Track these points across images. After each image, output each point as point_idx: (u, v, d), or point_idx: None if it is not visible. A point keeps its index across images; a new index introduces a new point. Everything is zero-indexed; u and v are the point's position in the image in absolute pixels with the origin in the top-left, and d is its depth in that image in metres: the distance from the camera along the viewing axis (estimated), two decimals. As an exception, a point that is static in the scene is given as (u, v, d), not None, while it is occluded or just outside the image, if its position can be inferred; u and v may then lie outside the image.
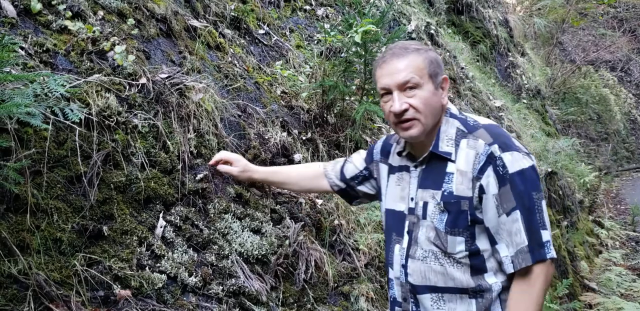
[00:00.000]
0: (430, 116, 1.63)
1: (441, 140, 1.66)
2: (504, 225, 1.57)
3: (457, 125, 1.67)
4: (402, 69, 1.61)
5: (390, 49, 1.68)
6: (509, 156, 1.56)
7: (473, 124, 1.66)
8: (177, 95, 2.22)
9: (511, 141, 1.61)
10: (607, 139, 14.53)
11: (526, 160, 1.58)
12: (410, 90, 1.61)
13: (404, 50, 1.64)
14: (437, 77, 1.65)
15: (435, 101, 1.64)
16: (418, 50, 1.65)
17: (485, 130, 1.63)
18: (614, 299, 5.06)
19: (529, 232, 1.55)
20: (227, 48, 3.00)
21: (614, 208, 10.72)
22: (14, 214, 1.60)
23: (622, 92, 16.60)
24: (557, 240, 5.67)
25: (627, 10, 16.89)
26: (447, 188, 1.62)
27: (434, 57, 1.66)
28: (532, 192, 1.56)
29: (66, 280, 1.64)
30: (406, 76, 1.60)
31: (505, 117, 6.56)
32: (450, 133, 1.66)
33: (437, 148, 1.65)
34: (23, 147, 1.67)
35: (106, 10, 2.32)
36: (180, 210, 2.06)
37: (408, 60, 1.62)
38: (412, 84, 1.60)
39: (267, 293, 2.14)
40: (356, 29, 3.01)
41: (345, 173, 2.02)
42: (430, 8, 7.40)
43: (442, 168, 1.65)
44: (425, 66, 1.62)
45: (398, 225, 1.77)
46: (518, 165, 1.56)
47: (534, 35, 12.49)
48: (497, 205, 1.57)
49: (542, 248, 1.55)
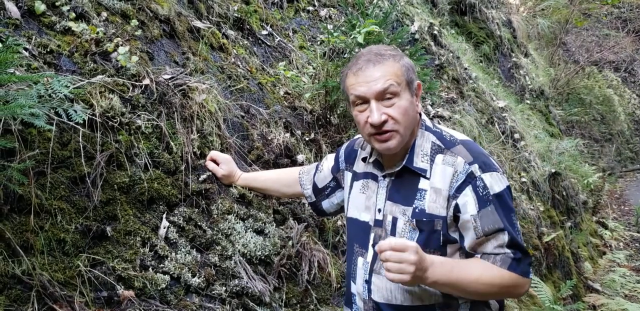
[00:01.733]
0: (408, 126, 1.55)
1: (416, 154, 1.58)
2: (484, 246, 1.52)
3: (432, 139, 1.59)
4: (379, 76, 1.51)
5: (364, 54, 1.57)
6: (489, 177, 1.50)
7: (450, 139, 1.58)
8: (181, 96, 2.22)
9: (490, 160, 1.55)
10: (611, 140, 14.49)
11: (504, 180, 1.54)
12: (388, 100, 1.52)
13: (379, 57, 1.54)
14: (412, 84, 1.56)
15: (413, 110, 1.56)
16: (394, 56, 1.55)
17: (463, 146, 1.55)
18: (617, 300, 5.05)
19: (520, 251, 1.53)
20: (230, 49, 3.00)
21: (618, 209, 10.68)
22: (17, 215, 1.61)
23: (626, 93, 16.55)
24: (561, 241, 5.66)
25: (631, 11, 16.85)
26: (419, 206, 1.54)
27: (409, 63, 1.57)
28: (510, 213, 1.53)
29: (70, 280, 1.64)
30: (384, 84, 1.50)
31: (509, 118, 6.55)
32: (426, 147, 1.58)
33: (411, 163, 1.57)
34: (27, 147, 1.67)
35: (110, 12, 2.33)
36: (183, 211, 2.06)
37: (385, 67, 1.52)
38: (390, 93, 1.51)
39: (270, 294, 2.14)
40: (359, 30, 3.01)
41: (317, 183, 2.00)
42: (433, 9, 7.39)
43: (414, 183, 1.57)
44: (402, 73, 1.53)
45: (362, 236, 1.68)
46: (498, 187, 1.51)
47: (537, 35, 12.47)
48: (476, 227, 1.50)
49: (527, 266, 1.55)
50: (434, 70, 5.71)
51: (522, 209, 5.25)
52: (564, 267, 5.61)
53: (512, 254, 1.51)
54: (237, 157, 2.43)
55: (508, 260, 1.51)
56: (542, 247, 5.20)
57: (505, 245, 1.51)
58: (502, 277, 1.50)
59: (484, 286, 1.49)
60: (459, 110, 5.38)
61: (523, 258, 1.52)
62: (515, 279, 1.51)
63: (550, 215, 6.04)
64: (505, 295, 1.61)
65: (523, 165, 6.07)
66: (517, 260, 1.51)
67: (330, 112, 3.28)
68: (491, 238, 1.51)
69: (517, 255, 1.51)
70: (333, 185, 1.95)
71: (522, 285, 1.53)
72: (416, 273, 1.39)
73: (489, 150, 5.43)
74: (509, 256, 1.51)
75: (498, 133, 6.12)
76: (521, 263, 1.52)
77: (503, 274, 1.50)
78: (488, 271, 1.50)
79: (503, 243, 1.51)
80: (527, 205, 5.46)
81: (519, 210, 5.15)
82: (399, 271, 1.39)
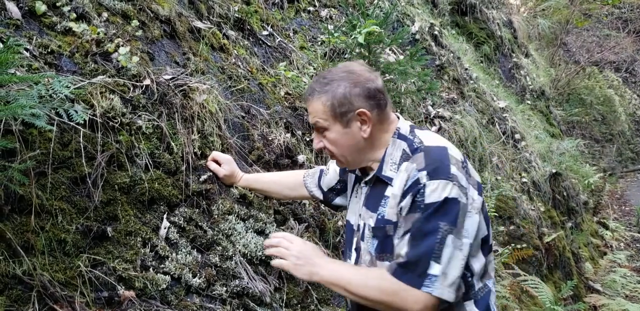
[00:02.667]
0: (347, 153, 1.63)
1: (386, 163, 1.60)
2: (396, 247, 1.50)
3: (403, 146, 1.59)
4: (310, 112, 1.64)
5: (313, 80, 1.69)
6: (432, 185, 1.44)
7: (417, 146, 1.57)
8: (181, 96, 2.22)
9: (444, 168, 1.47)
10: (611, 140, 14.48)
11: (453, 190, 1.44)
12: (322, 132, 1.63)
13: (312, 91, 1.62)
14: (345, 116, 1.57)
15: (347, 140, 1.60)
16: (322, 92, 1.59)
17: (424, 153, 1.52)
18: (618, 300, 5.04)
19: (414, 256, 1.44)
20: (231, 49, 3.00)
21: (619, 210, 10.67)
22: (18, 215, 1.61)
23: (626, 93, 16.53)
24: (562, 241, 5.65)
25: (631, 11, 16.84)
26: (381, 212, 1.57)
27: (340, 95, 1.57)
28: (439, 222, 1.43)
29: (70, 280, 1.64)
30: (312, 120, 1.63)
31: (510, 118, 6.54)
32: (395, 156, 1.59)
33: (380, 172, 1.61)
34: (28, 148, 1.67)
35: (110, 12, 2.33)
36: (184, 211, 2.06)
37: (312, 104, 1.62)
38: (319, 128, 1.62)
39: (271, 294, 2.14)
40: (360, 30, 3.01)
41: (322, 186, 2.03)
42: (434, 9, 7.39)
43: (382, 191, 1.59)
44: (327, 109, 1.58)
45: (349, 239, 1.73)
46: (438, 195, 1.44)
47: (538, 36, 12.46)
48: (399, 227, 1.50)
49: (421, 278, 1.42)
50: (434, 70, 5.71)
51: (523, 209, 5.25)
52: (564, 267, 5.60)
53: (401, 259, 1.45)
54: (237, 157, 2.43)
55: (394, 265, 1.46)
56: (543, 247, 5.19)
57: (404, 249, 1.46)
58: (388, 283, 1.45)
59: (371, 290, 1.47)
60: (459, 110, 5.38)
61: (412, 265, 1.43)
62: (399, 287, 1.44)
63: (551, 215, 6.03)
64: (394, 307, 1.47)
65: (524, 165, 6.07)
66: (401, 265, 1.45)
67: (330, 113, 3.27)
68: (402, 239, 1.48)
69: (405, 259, 1.45)
70: (340, 187, 1.98)
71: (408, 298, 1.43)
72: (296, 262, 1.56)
73: (490, 151, 5.43)
74: (397, 262, 1.46)
75: (499, 134, 6.12)
76: (407, 270, 1.43)
77: (389, 280, 1.45)
78: (377, 275, 1.49)
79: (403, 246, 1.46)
80: (528, 205, 5.46)
81: (519, 210, 5.15)
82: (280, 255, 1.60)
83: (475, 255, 1.54)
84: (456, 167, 1.49)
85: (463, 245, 1.45)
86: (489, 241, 1.61)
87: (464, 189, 1.47)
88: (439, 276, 1.41)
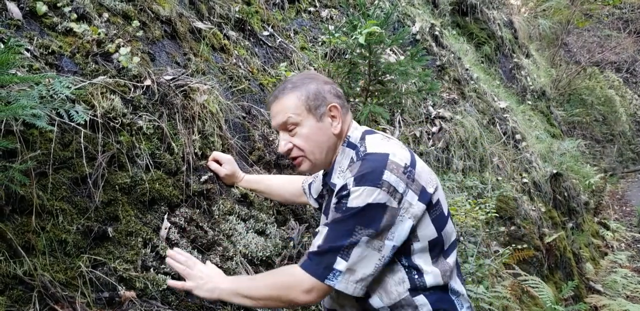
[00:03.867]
0: (317, 150, 1.64)
1: (334, 171, 1.66)
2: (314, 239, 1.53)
3: (351, 155, 1.61)
4: (278, 111, 1.65)
5: (276, 88, 1.72)
6: (357, 191, 1.45)
7: (361, 155, 1.57)
8: (182, 96, 2.23)
9: (376, 174, 1.47)
10: (612, 141, 14.47)
11: (379, 196, 1.44)
12: (291, 130, 1.64)
13: (281, 92, 1.66)
14: (318, 109, 1.62)
15: (321, 134, 1.63)
16: (294, 88, 1.64)
17: (362, 162, 1.52)
18: (619, 301, 5.04)
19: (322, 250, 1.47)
20: (231, 50, 3.00)
21: (620, 210, 10.67)
22: (19, 215, 1.61)
23: (627, 94, 16.53)
24: (562, 242, 5.65)
25: (632, 12, 16.83)
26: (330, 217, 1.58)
27: (313, 90, 1.63)
28: (356, 225, 1.45)
29: (71, 281, 1.64)
30: (283, 118, 1.63)
31: (510, 119, 6.54)
32: (344, 164, 1.63)
33: (329, 179, 1.67)
34: (28, 148, 1.67)
35: (111, 13, 2.33)
36: (184, 212, 2.06)
37: (282, 101, 1.64)
38: (290, 124, 1.63)
39: (272, 295, 2.13)
40: (360, 31, 3.01)
41: (313, 192, 2.04)
42: (434, 9, 7.39)
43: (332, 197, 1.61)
44: (301, 103, 1.62)
45: None
46: (361, 201, 1.45)
47: (538, 36, 12.46)
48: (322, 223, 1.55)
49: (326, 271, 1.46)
50: (435, 71, 5.71)
51: (524, 210, 5.24)
52: (565, 268, 5.60)
53: (313, 249, 1.49)
54: (238, 157, 2.43)
55: (304, 256, 1.51)
56: (544, 248, 5.19)
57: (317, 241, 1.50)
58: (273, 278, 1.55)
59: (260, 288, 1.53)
60: (460, 111, 5.38)
61: (318, 256, 1.47)
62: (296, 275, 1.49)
63: (552, 215, 6.03)
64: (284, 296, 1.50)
65: (524, 165, 6.07)
66: (310, 257, 1.49)
67: (331, 113, 3.27)
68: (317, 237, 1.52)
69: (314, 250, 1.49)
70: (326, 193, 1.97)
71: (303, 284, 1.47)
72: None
73: (490, 151, 5.43)
74: (308, 251, 1.51)
75: (499, 134, 6.12)
76: (314, 263, 1.47)
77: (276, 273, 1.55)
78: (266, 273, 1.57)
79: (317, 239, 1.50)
80: (529, 205, 5.46)
81: (520, 210, 5.15)
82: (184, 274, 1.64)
83: (421, 257, 1.54)
84: (393, 172, 1.48)
85: (383, 247, 1.47)
86: (444, 245, 1.59)
87: (397, 194, 1.46)
88: (344, 272, 1.46)
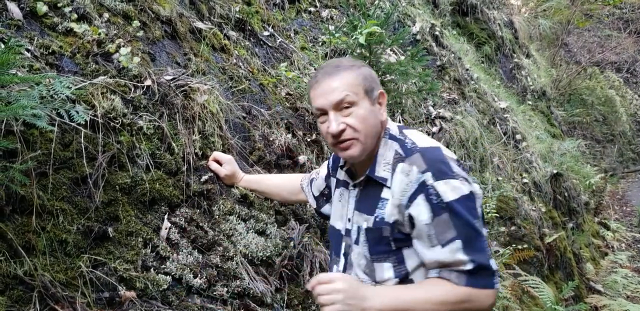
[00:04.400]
0: (369, 134, 1.56)
1: (378, 163, 1.58)
2: (439, 256, 1.46)
3: (395, 147, 1.58)
4: (335, 87, 1.53)
5: (322, 67, 1.60)
6: (443, 185, 1.45)
7: (410, 147, 1.55)
8: (182, 97, 2.23)
9: (448, 167, 1.48)
10: (612, 141, 14.47)
11: (465, 187, 1.46)
12: (346, 109, 1.53)
13: (335, 68, 1.56)
14: (372, 93, 1.57)
15: (373, 118, 1.57)
16: (351, 67, 1.57)
17: (420, 155, 1.51)
18: (620, 301, 5.03)
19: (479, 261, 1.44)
20: (231, 50, 3.00)
21: (620, 210, 10.66)
22: (19, 215, 1.61)
23: (627, 94, 16.53)
24: (563, 242, 5.65)
25: (632, 12, 16.83)
26: (380, 215, 1.54)
27: (368, 73, 1.58)
28: (473, 220, 1.45)
29: (71, 281, 1.64)
30: (340, 94, 1.52)
31: (510, 119, 6.54)
32: (388, 156, 1.57)
33: (373, 173, 1.58)
34: (29, 148, 1.67)
35: (111, 13, 2.33)
36: (185, 212, 2.06)
37: (341, 77, 1.54)
38: (347, 103, 1.53)
39: (272, 295, 2.14)
40: (361, 31, 3.01)
41: (313, 190, 2.02)
42: (434, 9, 7.39)
43: (377, 192, 1.57)
44: (360, 82, 1.55)
45: (336, 244, 1.70)
46: (455, 194, 1.45)
47: (539, 36, 12.46)
48: (430, 235, 1.46)
49: (491, 277, 1.45)
50: (435, 71, 5.71)
51: (524, 210, 5.24)
52: (565, 268, 5.60)
53: (466, 266, 1.44)
54: (238, 157, 2.43)
55: (462, 275, 1.44)
56: (544, 248, 5.19)
57: (458, 254, 1.44)
58: (453, 293, 1.44)
59: (435, 305, 1.43)
60: (460, 111, 5.37)
61: (478, 270, 1.44)
62: (468, 293, 1.43)
63: (552, 215, 6.03)
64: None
65: (525, 166, 6.07)
66: (471, 272, 1.44)
67: (331, 113, 3.27)
68: (446, 246, 1.45)
69: (472, 266, 1.44)
70: (327, 192, 1.97)
71: (480, 299, 1.44)
72: (348, 302, 1.39)
73: (491, 151, 5.42)
74: (462, 271, 1.45)
75: (500, 134, 6.11)
76: (477, 276, 1.44)
77: (454, 289, 1.44)
78: (438, 289, 1.45)
79: (456, 252, 1.44)
80: (529, 205, 5.46)
81: (520, 211, 5.15)
82: (330, 302, 1.40)
83: None
84: (455, 164, 1.50)
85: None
86: None
87: (469, 180, 1.49)
88: (489, 270, 1.45)
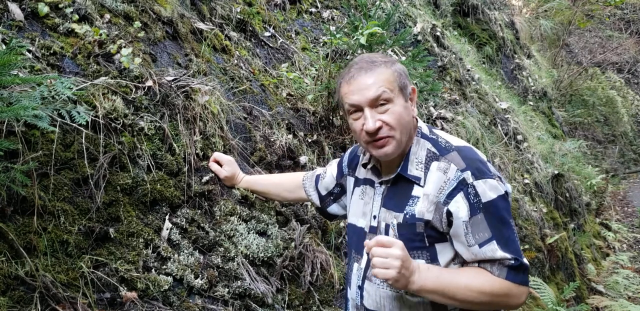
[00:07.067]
0: (404, 132, 1.54)
1: (410, 162, 1.57)
2: (478, 255, 1.48)
3: (428, 146, 1.57)
4: (371, 83, 1.50)
5: (356, 62, 1.57)
6: (482, 184, 1.46)
7: (445, 146, 1.56)
8: (183, 97, 2.23)
9: (486, 166, 1.51)
10: (614, 141, 14.46)
11: (500, 187, 1.49)
12: (381, 106, 1.51)
13: (371, 64, 1.53)
14: (406, 89, 1.56)
15: (408, 115, 1.55)
16: (386, 63, 1.55)
17: (458, 153, 1.52)
18: (621, 302, 5.03)
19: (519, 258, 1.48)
20: (233, 50, 3.00)
21: (621, 211, 10.66)
22: (21, 216, 1.61)
23: (629, 94, 16.52)
24: (564, 243, 5.65)
25: (634, 12, 16.82)
26: (410, 211, 1.53)
27: (401, 69, 1.57)
28: (509, 220, 1.49)
29: (73, 281, 1.64)
30: (377, 91, 1.50)
31: (512, 119, 6.54)
32: (421, 155, 1.57)
33: (405, 171, 1.56)
34: (30, 149, 1.67)
35: (113, 13, 2.33)
36: (186, 212, 2.06)
37: (377, 73, 1.51)
38: (383, 99, 1.50)
39: (273, 296, 2.14)
40: (362, 31, 3.01)
41: (320, 189, 2.00)
42: (436, 10, 7.39)
43: (408, 190, 1.56)
44: (395, 78, 1.53)
45: (358, 242, 1.68)
46: (492, 193, 1.47)
47: (540, 37, 12.46)
48: (467, 234, 1.48)
49: (524, 274, 1.49)
50: (436, 71, 5.71)
51: (525, 211, 5.24)
52: (567, 269, 5.59)
53: (507, 261, 1.47)
54: (239, 158, 2.43)
55: (504, 269, 1.47)
56: (545, 249, 5.18)
57: (498, 253, 1.47)
58: (493, 285, 1.46)
59: (474, 293, 1.45)
60: (461, 111, 5.37)
61: (519, 267, 1.47)
62: (508, 287, 1.46)
63: (554, 216, 6.02)
64: (500, 306, 1.52)
65: (526, 166, 6.06)
66: (512, 268, 1.46)
67: (332, 114, 3.28)
68: (484, 246, 1.47)
69: (512, 263, 1.47)
70: (338, 191, 1.96)
71: (517, 294, 1.48)
72: (402, 271, 1.38)
73: (492, 152, 5.42)
74: (505, 264, 1.47)
75: (501, 135, 6.11)
76: (517, 272, 1.47)
77: (494, 281, 1.46)
78: (479, 278, 1.47)
79: (495, 252, 1.47)
80: (530, 206, 5.45)
81: (521, 211, 5.14)
82: (385, 266, 1.39)
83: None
84: (489, 164, 1.54)
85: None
86: None
87: (504, 180, 1.53)
88: (525, 268, 1.50)
